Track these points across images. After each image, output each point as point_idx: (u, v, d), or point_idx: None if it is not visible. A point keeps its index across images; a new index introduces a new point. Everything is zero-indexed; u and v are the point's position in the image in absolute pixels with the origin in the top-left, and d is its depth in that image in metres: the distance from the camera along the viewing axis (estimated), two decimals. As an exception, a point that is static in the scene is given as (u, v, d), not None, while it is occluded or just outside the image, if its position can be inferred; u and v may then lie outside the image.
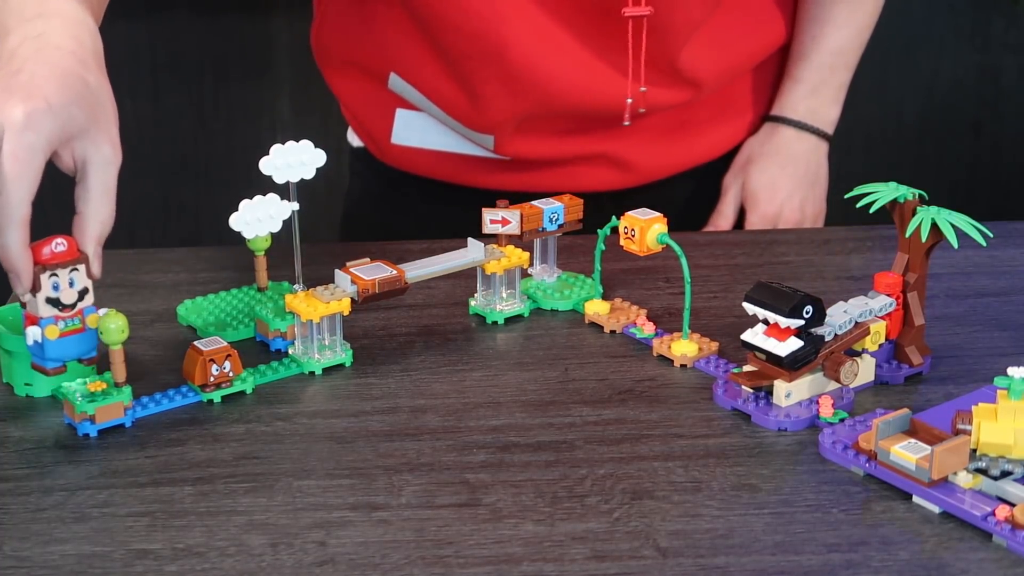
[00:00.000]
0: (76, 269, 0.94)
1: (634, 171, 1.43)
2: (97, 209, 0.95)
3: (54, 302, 0.94)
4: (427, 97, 1.38)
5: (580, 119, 1.37)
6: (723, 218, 1.48)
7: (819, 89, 1.47)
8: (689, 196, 1.49)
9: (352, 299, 1.05)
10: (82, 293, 0.95)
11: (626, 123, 1.33)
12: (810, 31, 1.45)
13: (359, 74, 1.42)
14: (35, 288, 0.92)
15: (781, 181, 1.46)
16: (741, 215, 1.48)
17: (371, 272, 1.06)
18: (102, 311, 0.96)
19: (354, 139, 1.53)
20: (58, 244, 0.93)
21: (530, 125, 1.37)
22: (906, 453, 0.88)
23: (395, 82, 1.39)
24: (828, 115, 1.48)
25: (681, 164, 1.46)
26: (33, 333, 0.94)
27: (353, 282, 1.05)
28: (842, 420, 0.97)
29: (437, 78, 1.36)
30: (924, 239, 1.01)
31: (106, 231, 0.95)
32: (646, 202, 1.28)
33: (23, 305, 0.95)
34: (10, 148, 0.89)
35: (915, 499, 0.88)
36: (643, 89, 1.31)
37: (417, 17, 1.31)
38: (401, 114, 1.42)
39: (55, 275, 0.93)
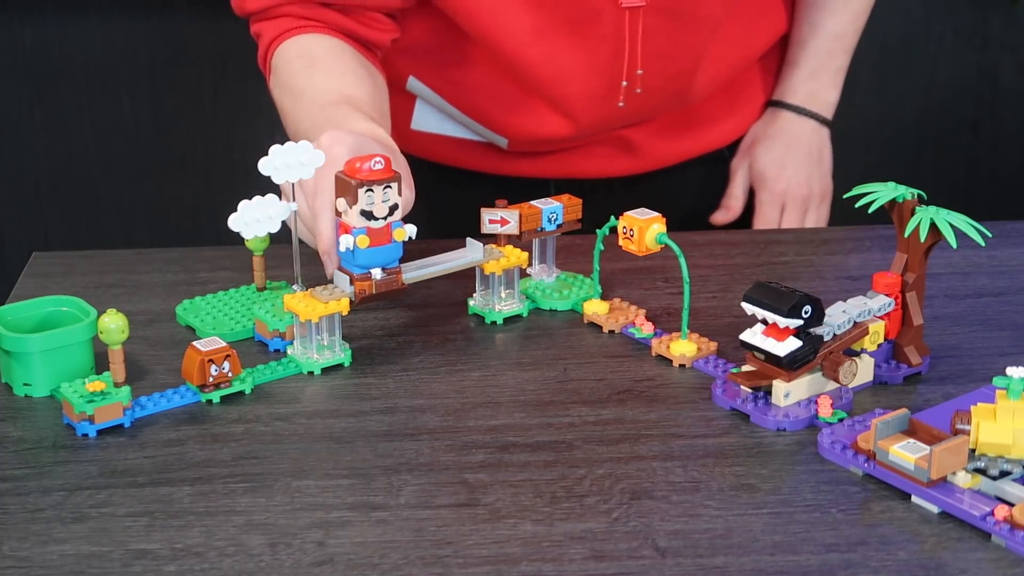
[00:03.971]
0: (389, 187, 1.03)
1: (644, 157, 1.46)
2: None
3: (367, 215, 1.02)
4: (450, 104, 1.41)
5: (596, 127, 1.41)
6: (734, 199, 1.51)
7: (818, 73, 1.51)
8: (700, 183, 1.52)
9: (350, 300, 1.05)
10: (392, 208, 1.03)
11: (620, 104, 1.36)
12: (809, 17, 1.50)
13: None
14: (352, 200, 1.02)
15: (787, 159, 1.49)
16: (751, 198, 1.51)
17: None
18: (407, 227, 1.05)
19: None
20: (376, 162, 1.02)
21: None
22: (905, 453, 0.88)
23: (413, 85, 1.42)
24: (827, 98, 1.52)
25: (690, 151, 1.49)
26: (346, 241, 1.03)
27: (351, 283, 1.05)
28: (841, 420, 0.97)
29: (460, 87, 1.39)
30: (923, 239, 1.01)
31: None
32: (657, 189, 1.29)
33: (337, 215, 1.04)
34: (320, 156, 1.05)
35: (914, 499, 0.88)
36: (640, 72, 1.34)
37: (444, 27, 1.35)
38: (421, 103, 1.44)
39: (371, 191, 1.02)
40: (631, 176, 1.47)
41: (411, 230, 1.05)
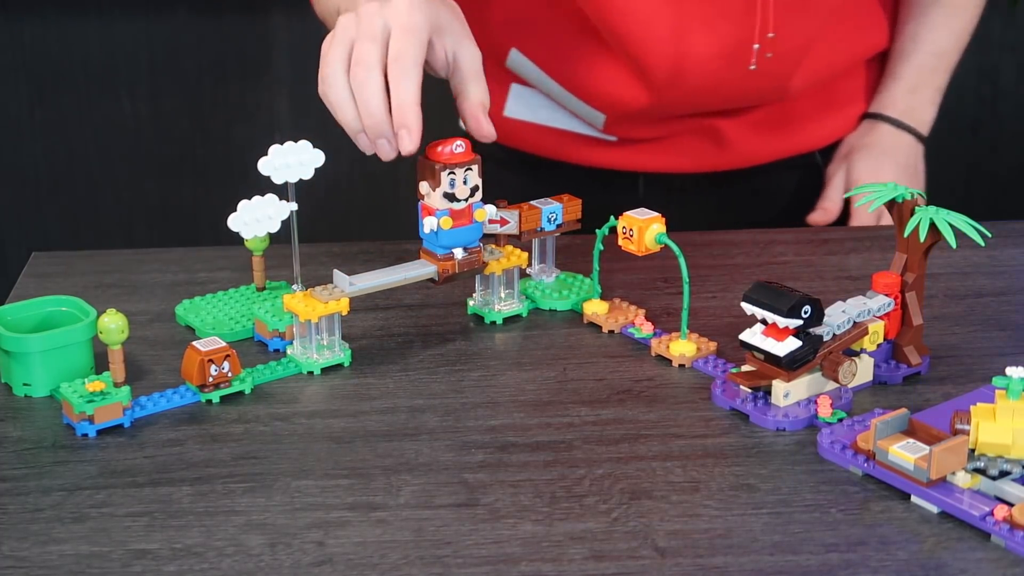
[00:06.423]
0: (470, 169, 1.06)
1: (734, 152, 1.45)
2: (475, 84, 1.07)
3: (450, 197, 1.05)
4: (549, 75, 1.40)
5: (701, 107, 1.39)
6: (831, 202, 1.49)
7: (918, 89, 1.50)
8: (792, 188, 1.51)
9: (432, 280, 1.08)
10: (473, 190, 1.06)
11: (752, 67, 1.34)
12: (911, 32, 1.49)
13: None
14: (435, 183, 1.04)
15: (884, 168, 1.48)
16: (846, 204, 1.50)
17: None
18: (487, 207, 1.07)
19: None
20: (457, 146, 1.05)
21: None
22: (904, 453, 0.88)
23: (515, 59, 1.41)
24: (924, 115, 1.51)
25: (781, 151, 1.48)
26: (430, 223, 1.06)
27: (431, 263, 1.07)
28: (840, 420, 0.97)
29: (565, 59, 1.38)
30: (922, 239, 1.01)
31: (486, 102, 1.07)
32: (749, 189, 1.26)
33: (420, 198, 1.06)
34: (400, 23, 1.04)
35: (913, 499, 0.88)
36: (771, 35, 1.32)
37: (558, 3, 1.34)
38: (516, 88, 1.44)
39: (452, 173, 1.05)
40: (720, 174, 1.45)
41: (491, 211, 1.08)
